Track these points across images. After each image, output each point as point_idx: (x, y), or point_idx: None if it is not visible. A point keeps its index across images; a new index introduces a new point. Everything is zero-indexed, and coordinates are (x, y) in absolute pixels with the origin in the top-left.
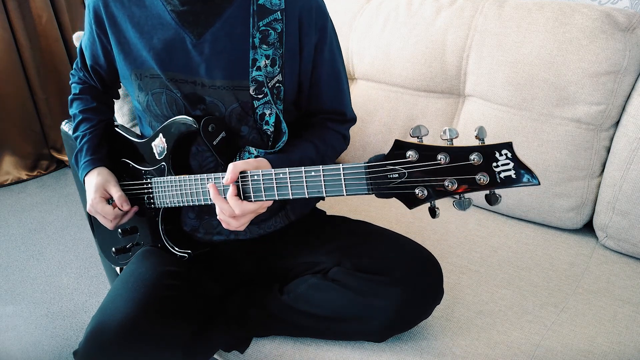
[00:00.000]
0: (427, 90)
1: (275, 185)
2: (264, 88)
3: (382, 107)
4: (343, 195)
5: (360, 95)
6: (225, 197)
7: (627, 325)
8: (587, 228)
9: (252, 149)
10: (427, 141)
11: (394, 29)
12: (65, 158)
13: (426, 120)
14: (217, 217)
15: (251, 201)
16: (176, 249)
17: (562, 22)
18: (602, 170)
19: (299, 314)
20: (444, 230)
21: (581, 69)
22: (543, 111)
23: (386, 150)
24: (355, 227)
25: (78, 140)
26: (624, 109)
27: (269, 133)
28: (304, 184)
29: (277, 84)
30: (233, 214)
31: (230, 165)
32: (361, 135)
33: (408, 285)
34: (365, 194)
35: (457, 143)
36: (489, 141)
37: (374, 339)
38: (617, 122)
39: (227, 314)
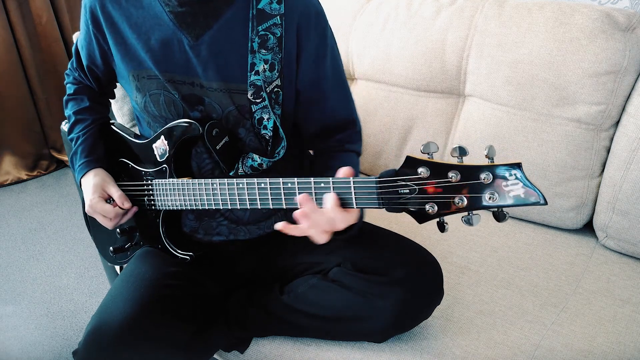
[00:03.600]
0: (427, 90)
1: (283, 193)
2: (262, 92)
3: (382, 107)
4: (354, 207)
5: (360, 95)
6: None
7: (627, 325)
8: (587, 228)
9: (256, 157)
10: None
11: (394, 29)
12: (65, 158)
13: (426, 120)
14: (307, 232)
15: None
16: (178, 251)
17: (562, 22)
18: (602, 170)
19: (299, 314)
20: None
21: (581, 69)
22: (543, 111)
23: (386, 150)
24: None
25: (73, 143)
26: (624, 109)
27: (267, 138)
28: (313, 194)
29: (275, 89)
30: (335, 228)
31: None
32: None
33: (408, 285)
34: (376, 207)
35: (460, 152)
36: (497, 158)
37: (374, 339)
38: (617, 122)
39: (227, 314)
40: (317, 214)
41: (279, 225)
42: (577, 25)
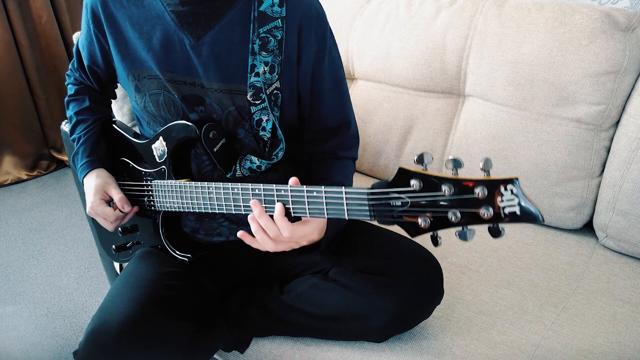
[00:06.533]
0: (427, 90)
1: (276, 200)
2: (261, 94)
3: (382, 107)
4: (345, 218)
5: (360, 95)
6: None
7: (627, 325)
8: (587, 228)
9: (254, 159)
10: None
11: (394, 29)
12: (65, 158)
13: (426, 120)
14: (253, 235)
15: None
16: (177, 252)
17: (562, 22)
18: (602, 170)
19: (299, 313)
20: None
21: (581, 69)
22: (543, 111)
23: (386, 150)
24: (356, 227)
25: (75, 143)
26: (624, 109)
27: (265, 139)
28: (305, 202)
29: (275, 91)
30: (279, 236)
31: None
32: (361, 135)
33: (408, 285)
34: (367, 219)
35: (459, 162)
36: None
37: (374, 339)
38: (617, 122)
39: (227, 314)
40: (264, 219)
41: (240, 233)
42: (577, 25)
